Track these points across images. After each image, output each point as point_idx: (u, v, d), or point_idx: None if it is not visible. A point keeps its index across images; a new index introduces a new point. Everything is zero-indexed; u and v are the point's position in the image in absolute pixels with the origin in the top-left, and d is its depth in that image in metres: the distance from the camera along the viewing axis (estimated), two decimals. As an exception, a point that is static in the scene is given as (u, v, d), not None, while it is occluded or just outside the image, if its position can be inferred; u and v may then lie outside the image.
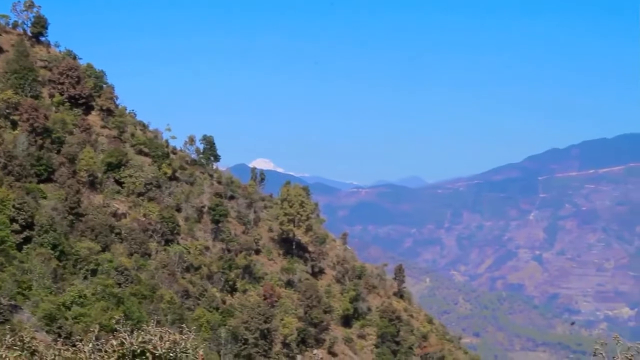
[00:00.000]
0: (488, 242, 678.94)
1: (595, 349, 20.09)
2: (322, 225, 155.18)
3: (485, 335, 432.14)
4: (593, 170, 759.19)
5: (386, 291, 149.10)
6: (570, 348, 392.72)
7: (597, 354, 20.03)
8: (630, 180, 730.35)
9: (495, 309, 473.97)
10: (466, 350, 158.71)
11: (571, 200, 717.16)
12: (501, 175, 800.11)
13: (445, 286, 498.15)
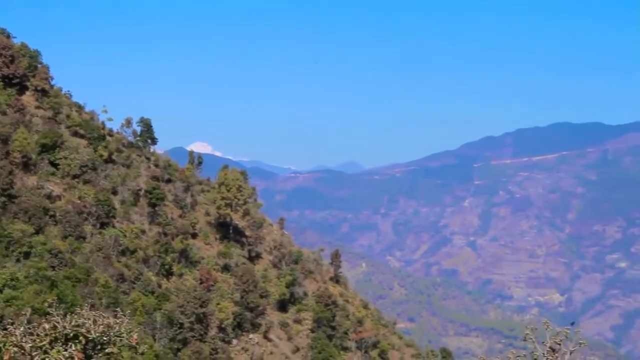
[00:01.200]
0: (424, 228, 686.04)
1: (525, 334, 20.54)
2: (260, 210, 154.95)
3: (419, 321, 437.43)
4: (527, 158, 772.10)
5: (322, 276, 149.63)
6: (503, 333, 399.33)
7: (527, 339, 20.47)
8: (563, 169, 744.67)
9: (430, 294, 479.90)
10: (401, 335, 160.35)
11: (505, 187, 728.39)
12: (437, 162, 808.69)
13: (381, 271, 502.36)
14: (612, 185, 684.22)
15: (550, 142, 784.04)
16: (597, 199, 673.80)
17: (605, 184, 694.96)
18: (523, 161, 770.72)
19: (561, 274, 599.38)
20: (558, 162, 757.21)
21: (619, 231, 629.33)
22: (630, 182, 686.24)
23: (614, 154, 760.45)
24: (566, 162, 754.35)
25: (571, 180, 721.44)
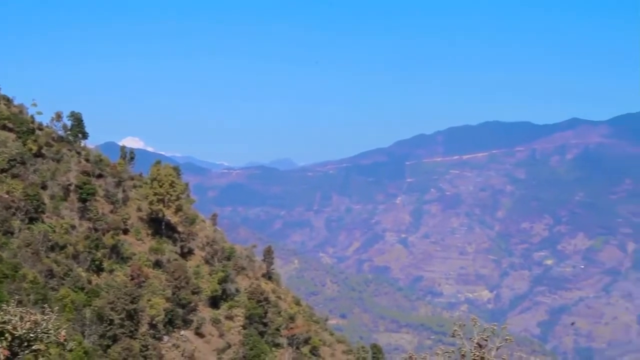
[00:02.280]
0: (356, 225, 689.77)
1: (453, 331, 21.01)
2: (192, 206, 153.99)
3: (351, 317, 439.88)
4: (458, 156, 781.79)
5: (255, 272, 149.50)
6: (432, 329, 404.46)
7: (455, 335, 20.94)
8: (492, 167, 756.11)
9: (361, 290, 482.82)
10: (332, 331, 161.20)
11: (436, 185, 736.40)
12: (370, 160, 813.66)
13: (314, 268, 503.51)
14: (540, 184, 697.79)
15: (480, 141, 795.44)
16: (526, 197, 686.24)
17: (533, 182, 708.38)
18: (454, 159, 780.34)
19: (490, 271, 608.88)
20: (488, 161, 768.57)
21: (546, 229, 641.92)
22: (557, 180, 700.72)
23: (542, 153, 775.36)
24: (496, 161, 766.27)
25: (501, 179, 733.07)
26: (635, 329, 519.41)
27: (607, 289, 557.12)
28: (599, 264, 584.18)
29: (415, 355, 22.29)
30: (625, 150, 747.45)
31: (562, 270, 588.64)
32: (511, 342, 20.01)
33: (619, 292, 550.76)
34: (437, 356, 21.27)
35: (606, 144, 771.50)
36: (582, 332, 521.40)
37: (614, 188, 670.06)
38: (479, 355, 20.07)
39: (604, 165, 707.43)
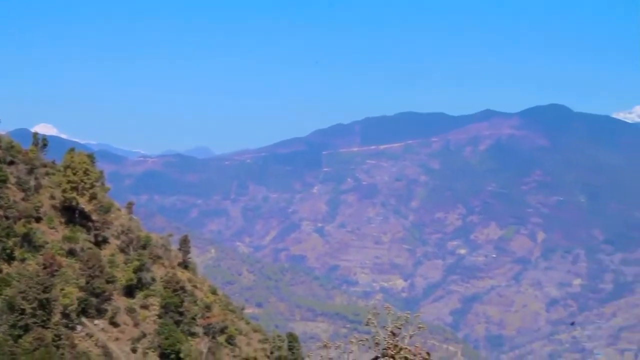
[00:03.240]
0: (273, 214, 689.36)
1: (367, 319, 21.45)
2: (107, 194, 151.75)
3: (267, 306, 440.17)
4: (374, 146, 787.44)
5: (171, 261, 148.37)
6: (348, 318, 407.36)
7: (369, 324, 21.40)
8: (408, 157, 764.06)
9: (278, 279, 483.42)
10: (248, 320, 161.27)
11: (353, 174, 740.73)
12: (287, 149, 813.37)
13: (230, 257, 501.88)
14: (454, 174, 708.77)
15: (396, 131, 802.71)
16: (440, 188, 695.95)
17: (447, 172, 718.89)
18: (370, 149, 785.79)
19: (405, 260, 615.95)
20: (403, 151, 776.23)
21: (459, 219, 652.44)
22: (470, 171, 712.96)
23: (456, 144, 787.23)
24: (411, 151, 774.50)
25: (415, 169, 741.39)
26: (543, 316, 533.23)
27: (518, 278, 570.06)
28: (510, 253, 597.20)
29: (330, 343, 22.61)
30: (535, 141, 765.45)
31: (475, 259, 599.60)
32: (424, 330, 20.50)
33: (528, 280, 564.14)
34: (352, 344, 21.64)
35: (517, 135, 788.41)
36: (493, 320, 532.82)
37: (524, 179, 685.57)
38: (393, 343, 20.54)
39: (515, 157, 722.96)
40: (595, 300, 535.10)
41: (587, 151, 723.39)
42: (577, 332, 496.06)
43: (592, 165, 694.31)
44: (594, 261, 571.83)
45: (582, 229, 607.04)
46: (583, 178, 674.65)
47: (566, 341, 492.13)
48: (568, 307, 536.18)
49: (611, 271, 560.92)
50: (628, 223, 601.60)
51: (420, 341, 21.24)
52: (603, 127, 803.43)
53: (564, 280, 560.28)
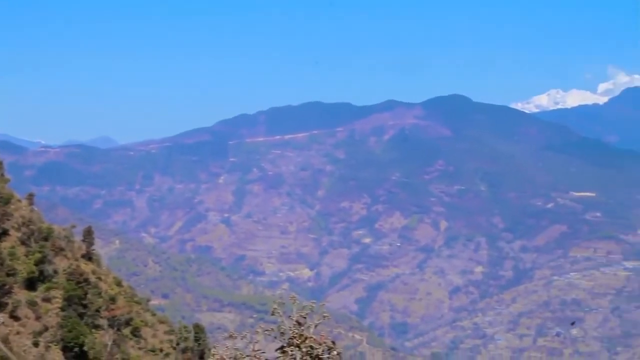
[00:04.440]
0: (179, 204, 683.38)
1: (273, 309, 21.93)
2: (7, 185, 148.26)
3: (173, 297, 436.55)
4: (279, 137, 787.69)
5: (74, 253, 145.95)
6: (255, 308, 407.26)
7: (275, 314, 21.87)
8: (313, 147, 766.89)
9: (184, 270, 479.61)
10: (154, 312, 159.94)
11: (259, 164, 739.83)
12: (193, 139, 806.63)
13: (135, 248, 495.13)
14: (359, 164, 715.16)
15: (302, 121, 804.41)
16: (345, 177, 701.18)
17: (352, 162, 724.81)
18: (276, 139, 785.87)
19: (311, 250, 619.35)
20: (309, 141, 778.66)
21: (364, 208, 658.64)
22: (374, 161, 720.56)
23: (361, 134, 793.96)
24: (317, 141, 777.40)
25: (321, 159, 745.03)
26: (447, 304, 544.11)
27: (421, 266, 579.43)
28: (414, 242, 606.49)
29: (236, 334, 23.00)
30: (438, 131, 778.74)
31: (380, 248, 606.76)
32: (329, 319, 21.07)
33: (432, 268, 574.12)
34: (258, 334, 22.08)
35: (420, 125, 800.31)
36: (398, 308, 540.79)
37: (427, 168, 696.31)
38: (298, 333, 21.07)
39: (418, 146, 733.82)
40: (495, 287, 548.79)
41: (487, 141, 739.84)
42: (478, 318, 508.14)
43: (491, 154, 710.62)
44: (495, 249, 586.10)
45: (482, 218, 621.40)
46: (483, 167, 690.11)
47: (468, 327, 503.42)
48: (470, 294, 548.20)
49: (511, 258, 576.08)
50: (526, 211, 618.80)
51: (325, 330, 21.66)
52: (502, 117, 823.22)
53: (466, 267, 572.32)
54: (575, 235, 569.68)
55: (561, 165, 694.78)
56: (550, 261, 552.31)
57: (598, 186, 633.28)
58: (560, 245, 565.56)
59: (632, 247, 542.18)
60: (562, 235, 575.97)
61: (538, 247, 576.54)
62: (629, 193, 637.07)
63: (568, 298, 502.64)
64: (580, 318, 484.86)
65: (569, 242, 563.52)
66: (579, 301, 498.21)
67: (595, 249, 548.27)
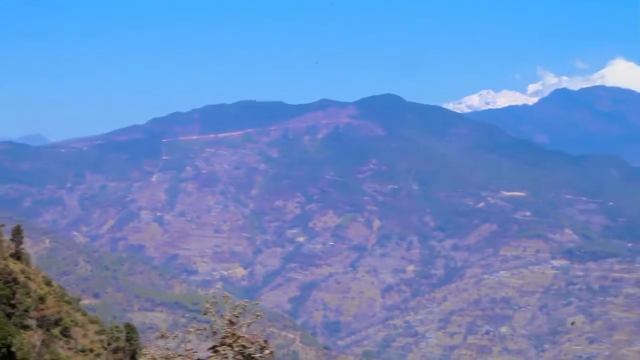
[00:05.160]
0: (111, 203, 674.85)
1: (205, 308, 22.09)
2: None
3: (105, 297, 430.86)
4: (213, 135, 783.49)
5: (3, 253, 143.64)
6: (187, 307, 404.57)
7: (207, 313, 22.04)
8: (247, 146, 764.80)
9: (116, 269, 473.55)
10: (85, 312, 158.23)
11: (192, 163, 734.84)
12: (125, 137, 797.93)
13: (66, 247, 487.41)
14: (292, 163, 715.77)
15: (235, 119, 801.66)
16: (279, 176, 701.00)
17: (286, 161, 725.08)
18: (210, 137, 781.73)
19: (244, 249, 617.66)
20: (243, 139, 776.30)
21: (298, 207, 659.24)
22: (308, 160, 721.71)
23: (294, 132, 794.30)
24: (250, 140, 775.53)
25: (255, 157, 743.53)
26: (379, 302, 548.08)
27: (354, 265, 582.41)
28: (347, 241, 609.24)
29: (168, 333, 23.11)
30: (371, 130, 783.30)
31: (313, 247, 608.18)
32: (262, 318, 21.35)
33: (365, 267, 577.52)
34: (190, 334, 22.25)
35: (354, 124, 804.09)
36: (331, 307, 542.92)
37: (360, 167, 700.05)
38: (230, 332, 21.26)
39: (351, 145, 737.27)
40: (427, 286, 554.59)
41: (419, 140, 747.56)
42: (410, 317, 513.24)
43: (424, 154, 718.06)
44: (427, 247, 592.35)
45: (415, 217, 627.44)
46: (416, 166, 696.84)
47: (400, 326, 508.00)
48: (402, 293, 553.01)
49: (442, 257, 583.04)
50: (457, 210, 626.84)
51: (258, 329, 21.83)
52: (434, 117, 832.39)
53: (399, 266, 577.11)
54: (505, 234, 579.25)
55: (492, 164, 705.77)
56: (481, 260, 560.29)
57: (527, 186, 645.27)
58: (491, 244, 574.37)
59: (559, 245, 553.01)
60: (493, 234, 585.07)
61: (469, 245, 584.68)
62: (557, 193, 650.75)
63: (498, 296, 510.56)
64: (510, 316, 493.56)
65: (499, 241, 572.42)
66: (508, 299, 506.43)
67: (524, 247, 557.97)
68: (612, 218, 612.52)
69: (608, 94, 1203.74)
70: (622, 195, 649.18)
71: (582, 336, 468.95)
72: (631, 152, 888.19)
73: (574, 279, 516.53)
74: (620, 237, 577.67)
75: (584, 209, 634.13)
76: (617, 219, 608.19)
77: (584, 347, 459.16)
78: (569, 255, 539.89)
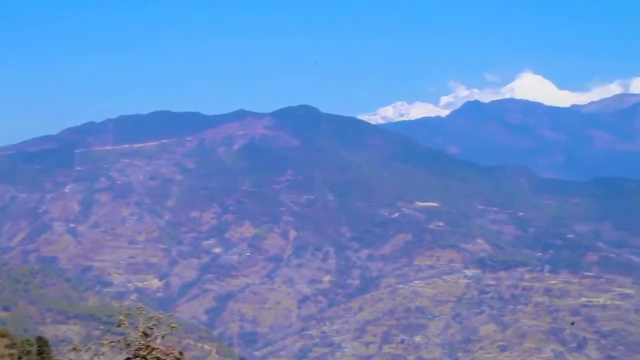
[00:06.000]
0: (22, 214, 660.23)
1: (119, 320, 22.87)
2: None
3: (15, 310, 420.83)
4: (128, 145, 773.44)
5: None
6: (102, 319, 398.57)
7: (121, 325, 22.84)
8: (163, 156, 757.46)
9: (27, 282, 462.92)
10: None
11: (107, 174, 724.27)
12: (37, 147, 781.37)
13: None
14: (209, 174, 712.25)
15: (151, 130, 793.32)
16: (195, 187, 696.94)
17: (202, 172, 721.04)
18: (124, 148, 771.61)
19: (160, 260, 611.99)
20: (158, 150, 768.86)
21: (214, 218, 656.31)
22: (224, 170, 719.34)
23: (210, 143, 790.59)
24: (166, 150, 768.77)
25: (171, 168, 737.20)
26: (295, 312, 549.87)
27: (271, 275, 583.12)
28: (264, 252, 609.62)
29: (80, 346, 23.76)
30: (287, 141, 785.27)
31: (229, 258, 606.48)
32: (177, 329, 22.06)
33: (281, 278, 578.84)
34: (103, 346, 22.86)
35: (270, 135, 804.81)
36: (247, 318, 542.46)
37: (277, 178, 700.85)
38: (145, 344, 21.94)
39: (268, 156, 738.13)
40: (343, 296, 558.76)
41: (335, 151, 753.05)
42: (326, 327, 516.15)
43: (339, 165, 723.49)
44: (343, 258, 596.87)
45: (331, 227, 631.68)
46: (331, 177, 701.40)
47: (316, 336, 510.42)
48: (318, 303, 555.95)
49: (358, 267, 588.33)
50: (373, 220, 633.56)
51: (174, 340, 22.65)
52: (349, 128, 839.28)
53: (315, 276, 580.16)
54: (420, 244, 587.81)
55: (406, 175, 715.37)
56: (396, 269, 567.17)
57: (441, 196, 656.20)
58: (406, 253, 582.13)
59: (472, 255, 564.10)
60: (407, 244, 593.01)
61: (384, 255, 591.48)
62: (470, 203, 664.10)
63: (412, 305, 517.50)
64: (424, 325, 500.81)
65: (414, 251, 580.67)
66: (422, 308, 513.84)
67: (438, 257, 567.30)
68: (522, 228, 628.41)
69: (518, 106, 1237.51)
70: (531, 206, 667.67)
71: (494, 344, 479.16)
72: (540, 164, 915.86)
73: (485, 288, 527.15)
74: (530, 247, 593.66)
75: (495, 219, 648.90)
76: (527, 229, 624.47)
77: (495, 355, 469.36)
78: (481, 264, 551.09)
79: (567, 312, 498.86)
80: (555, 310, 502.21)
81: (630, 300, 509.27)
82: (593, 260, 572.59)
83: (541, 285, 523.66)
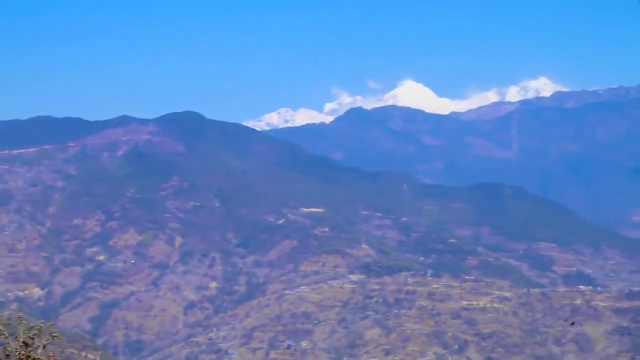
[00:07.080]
0: None
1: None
2: None
3: None
4: (7, 151, 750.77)
5: None
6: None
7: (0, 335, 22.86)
8: (44, 163, 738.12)
9: None
10: None
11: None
12: None
13: None
14: (92, 180, 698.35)
15: (30, 136, 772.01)
16: (77, 193, 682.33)
17: (84, 178, 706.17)
18: (3, 154, 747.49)
19: (42, 268, 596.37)
20: (39, 156, 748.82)
21: (97, 225, 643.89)
22: (108, 177, 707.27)
23: (93, 149, 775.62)
24: (47, 156, 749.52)
25: (52, 174, 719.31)
26: (181, 319, 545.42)
27: (157, 283, 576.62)
28: (149, 258, 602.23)
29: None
30: (173, 147, 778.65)
31: (114, 265, 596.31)
32: (59, 338, 22.23)
33: (167, 285, 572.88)
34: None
35: (155, 141, 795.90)
36: (132, 325, 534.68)
37: (162, 184, 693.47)
38: (25, 354, 21.96)
39: (153, 162, 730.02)
40: (230, 302, 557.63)
41: (221, 157, 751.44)
42: (213, 334, 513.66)
43: (225, 171, 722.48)
44: (229, 264, 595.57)
45: (217, 233, 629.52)
46: (217, 183, 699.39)
47: (203, 343, 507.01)
48: (205, 310, 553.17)
49: (244, 273, 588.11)
50: (259, 226, 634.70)
51: (56, 350, 23.00)
52: (235, 135, 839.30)
53: (201, 283, 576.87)
54: (305, 249, 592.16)
55: (291, 181, 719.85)
56: (282, 275, 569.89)
57: (325, 202, 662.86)
58: (291, 259, 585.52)
59: (356, 260, 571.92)
60: (293, 250, 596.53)
61: (270, 261, 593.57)
62: (354, 209, 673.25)
63: (299, 311, 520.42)
64: (310, 330, 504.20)
65: (300, 257, 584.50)
66: (308, 314, 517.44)
67: (323, 262, 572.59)
68: (405, 233, 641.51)
69: (400, 113, 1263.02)
70: (413, 211, 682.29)
71: (379, 348, 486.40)
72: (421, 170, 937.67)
73: (370, 293, 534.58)
74: (413, 252, 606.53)
75: (379, 224, 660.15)
76: (410, 234, 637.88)
77: (380, 359, 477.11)
78: (366, 269, 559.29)
79: (448, 315, 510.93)
80: (437, 313, 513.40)
81: (508, 303, 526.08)
82: (473, 264, 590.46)
83: (424, 289, 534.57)
